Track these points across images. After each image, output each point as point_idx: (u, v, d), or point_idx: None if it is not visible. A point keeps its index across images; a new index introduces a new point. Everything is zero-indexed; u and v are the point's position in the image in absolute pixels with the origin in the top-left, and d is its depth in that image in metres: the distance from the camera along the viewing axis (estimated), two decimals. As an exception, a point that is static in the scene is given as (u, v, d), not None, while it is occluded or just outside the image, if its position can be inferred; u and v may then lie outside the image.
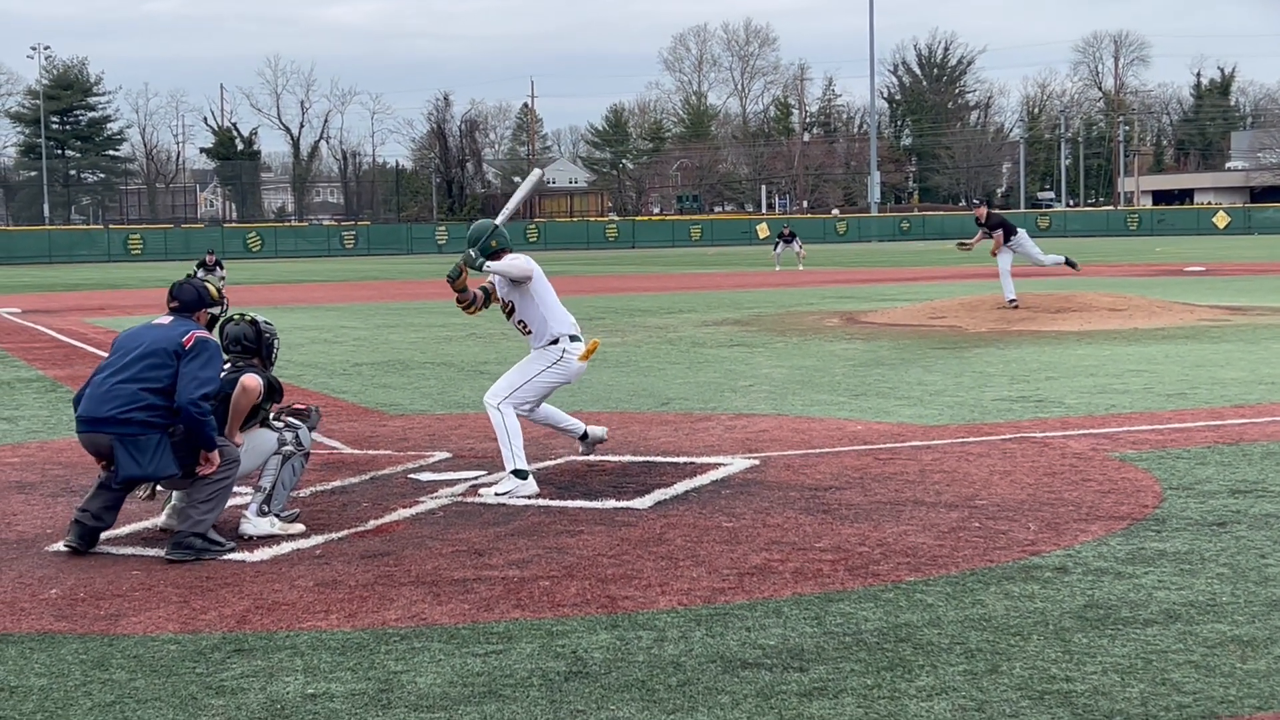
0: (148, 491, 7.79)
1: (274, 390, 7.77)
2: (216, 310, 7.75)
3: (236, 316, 7.93)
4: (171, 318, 7.54)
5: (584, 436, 9.34)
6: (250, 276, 49.33)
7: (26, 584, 6.53)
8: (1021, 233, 22.77)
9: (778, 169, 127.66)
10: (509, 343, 19.62)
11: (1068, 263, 23.02)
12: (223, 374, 7.49)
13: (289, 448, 7.70)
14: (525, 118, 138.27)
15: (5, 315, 29.11)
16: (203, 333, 7.42)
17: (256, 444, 7.64)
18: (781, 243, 49.76)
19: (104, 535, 7.42)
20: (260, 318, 8.00)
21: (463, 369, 16.23)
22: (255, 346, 7.84)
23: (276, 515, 7.55)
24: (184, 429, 7.15)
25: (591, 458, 9.62)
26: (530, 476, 8.51)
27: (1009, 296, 22.05)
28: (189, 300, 7.61)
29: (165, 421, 7.16)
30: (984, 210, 23.11)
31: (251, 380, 7.54)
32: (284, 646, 5.40)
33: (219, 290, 7.84)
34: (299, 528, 7.54)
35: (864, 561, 6.56)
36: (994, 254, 22.45)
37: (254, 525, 7.46)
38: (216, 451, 7.28)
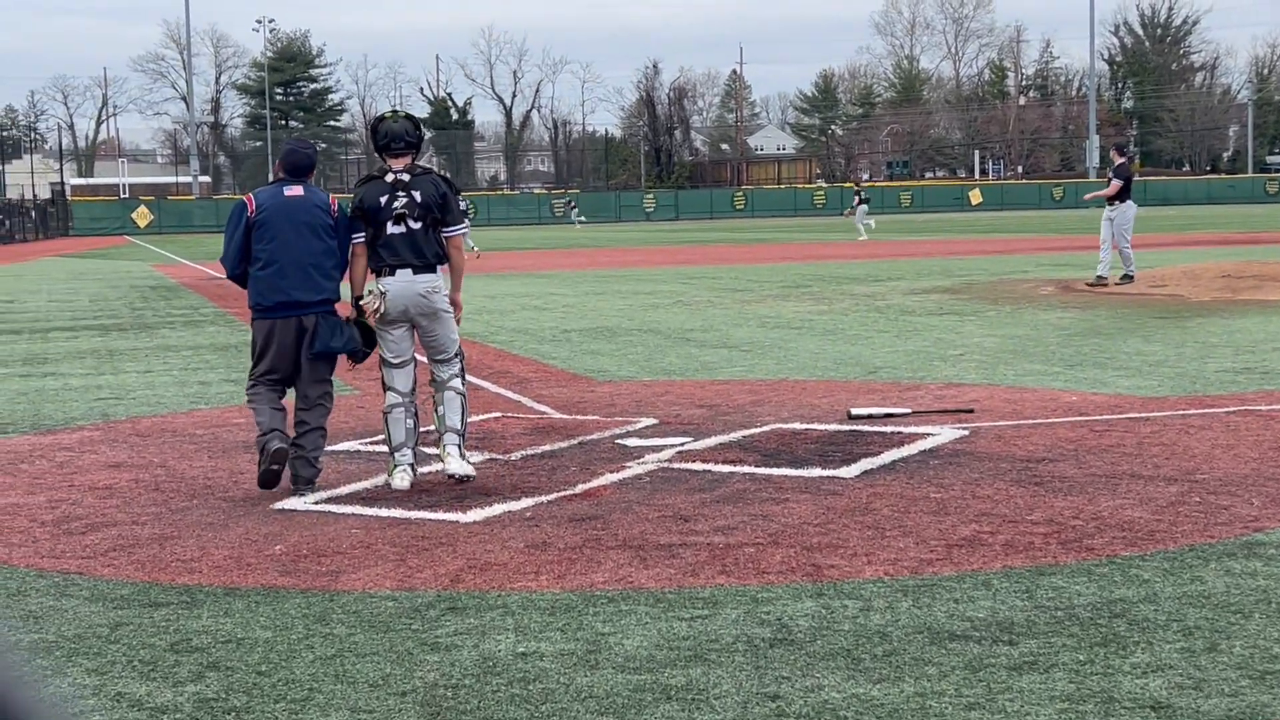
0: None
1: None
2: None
3: (390, 113, 8.21)
4: (299, 187, 7.99)
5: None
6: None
7: (252, 540, 6.81)
8: (1131, 205, 21.18)
9: (991, 133, 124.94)
10: (714, 310, 19.66)
11: (1124, 277, 21.11)
12: (396, 197, 7.95)
13: (464, 389, 8.21)
14: (734, 84, 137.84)
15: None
16: (333, 196, 8.18)
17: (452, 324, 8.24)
18: (860, 205, 49.50)
19: (327, 494, 7.70)
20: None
21: (669, 336, 16.32)
22: (417, 140, 8.12)
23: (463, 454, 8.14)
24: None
25: (797, 426, 9.59)
26: None
27: (1101, 272, 21.14)
28: (307, 165, 8.11)
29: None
30: (1118, 155, 21.87)
31: (461, 240, 8.11)
32: (495, 606, 5.52)
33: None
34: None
35: (1077, 535, 6.42)
36: (1089, 198, 21.41)
37: (460, 465, 7.97)
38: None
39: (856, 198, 51.63)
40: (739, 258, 36.91)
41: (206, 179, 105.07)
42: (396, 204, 7.90)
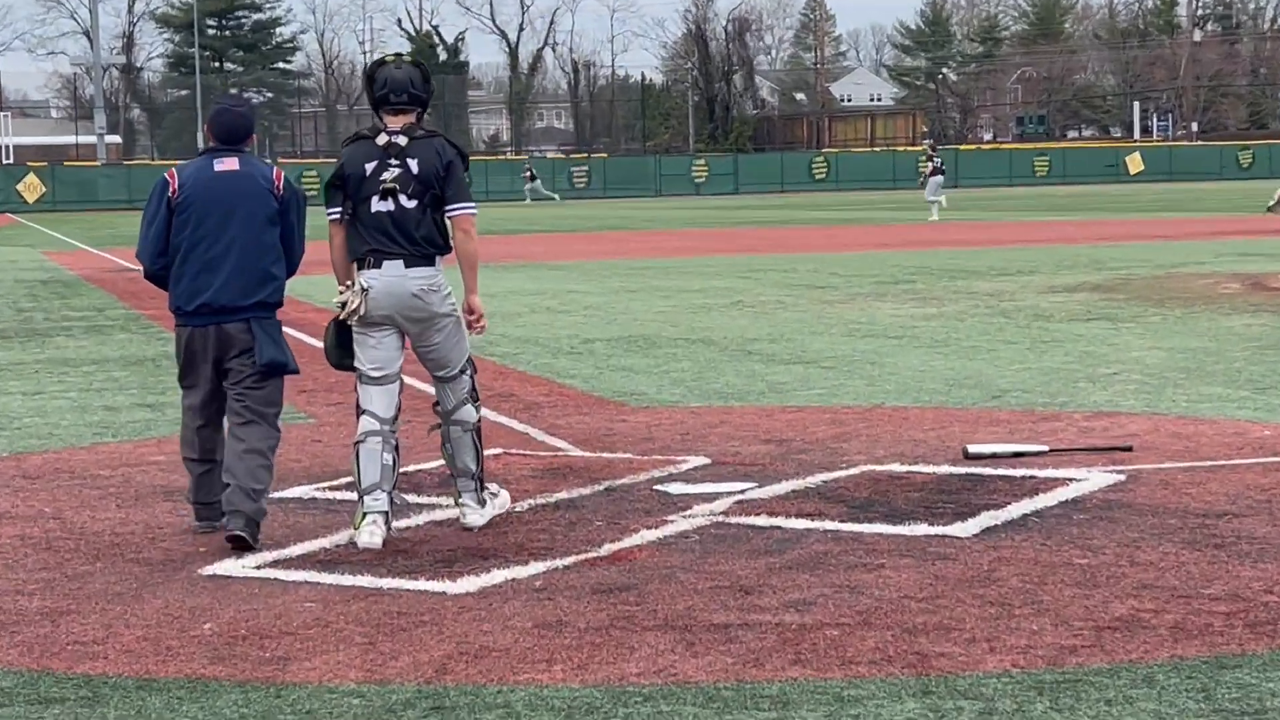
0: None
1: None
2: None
3: (393, 57, 8.40)
4: (233, 159, 8.29)
5: None
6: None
7: (175, 616, 6.82)
8: None
9: (1156, 80, 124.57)
10: (785, 313, 19.66)
11: None
12: (386, 165, 8.06)
13: (477, 416, 8.37)
14: (812, 14, 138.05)
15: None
16: (280, 171, 8.47)
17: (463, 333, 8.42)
18: (931, 176, 49.75)
19: (273, 555, 7.73)
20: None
21: (725, 348, 16.32)
22: (424, 95, 8.28)
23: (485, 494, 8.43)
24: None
25: (896, 468, 9.57)
26: None
27: None
28: (243, 131, 8.43)
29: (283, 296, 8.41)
30: None
31: (473, 221, 8.20)
32: (494, 704, 5.53)
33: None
34: (505, 496, 8.64)
35: (1272, 615, 6.38)
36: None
37: (480, 515, 8.29)
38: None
39: (929, 164, 51.46)
40: (819, 243, 36.90)
41: (116, 139, 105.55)
42: (385, 174, 8.03)
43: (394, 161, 8.03)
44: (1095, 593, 6.79)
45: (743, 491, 9.01)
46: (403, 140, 8.07)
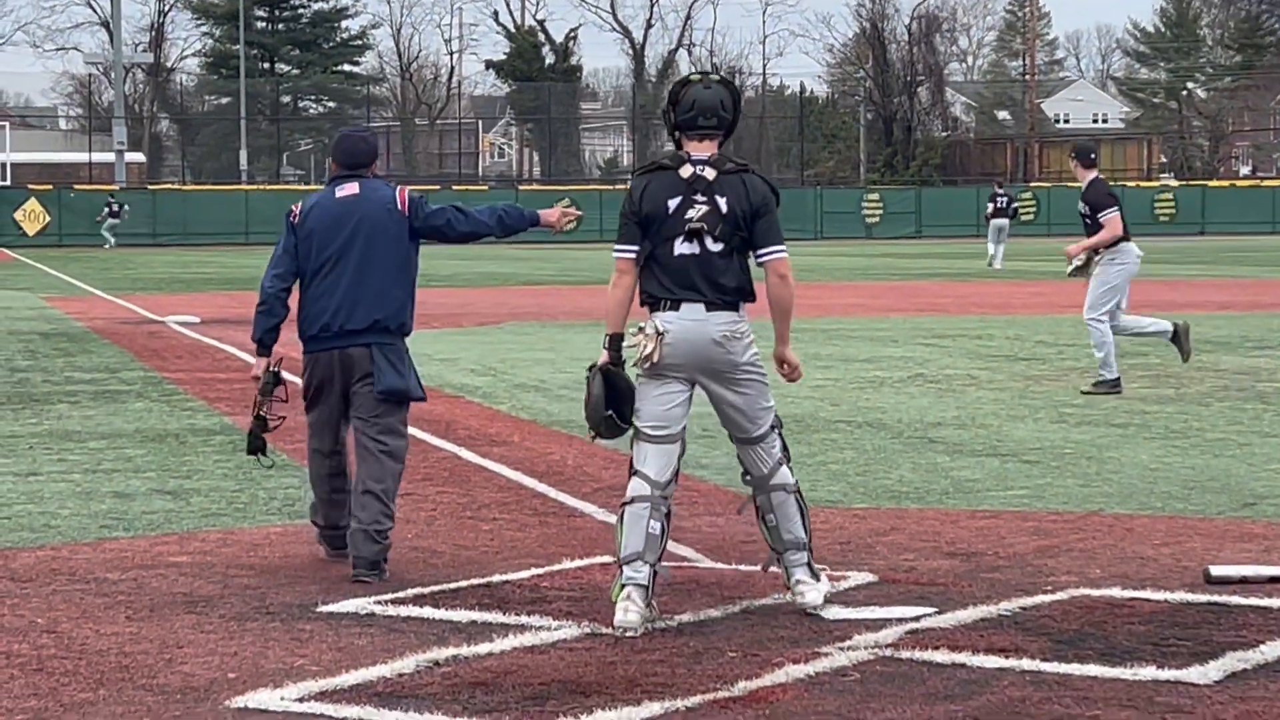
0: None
1: None
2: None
3: (698, 76, 9.01)
4: (354, 185, 10.07)
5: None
6: (558, 273, 50.55)
7: (194, 759, 6.85)
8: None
9: None
10: (979, 391, 19.58)
11: None
12: (692, 202, 8.72)
13: (794, 478, 9.16)
14: (1020, 12, 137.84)
15: (177, 328, 30.56)
16: (402, 189, 10.13)
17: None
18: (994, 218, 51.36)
19: (320, 684, 7.74)
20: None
21: (899, 434, 16.26)
22: (733, 119, 8.93)
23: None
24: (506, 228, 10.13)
25: (1116, 593, 9.49)
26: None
27: None
28: (364, 155, 10.31)
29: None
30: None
31: (788, 265, 9.06)
32: None
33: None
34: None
35: None
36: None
37: (819, 591, 9.04)
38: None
39: (991, 204, 52.88)
40: (1022, 302, 36.71)
41: (139, 157, 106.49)
42: (692, 212, 8.70)
43: (700, 198, 8.71)
44: (1371, 760, 6.69)
45: (917, 619, 8.98)
46: (710, 174, 8.74)
